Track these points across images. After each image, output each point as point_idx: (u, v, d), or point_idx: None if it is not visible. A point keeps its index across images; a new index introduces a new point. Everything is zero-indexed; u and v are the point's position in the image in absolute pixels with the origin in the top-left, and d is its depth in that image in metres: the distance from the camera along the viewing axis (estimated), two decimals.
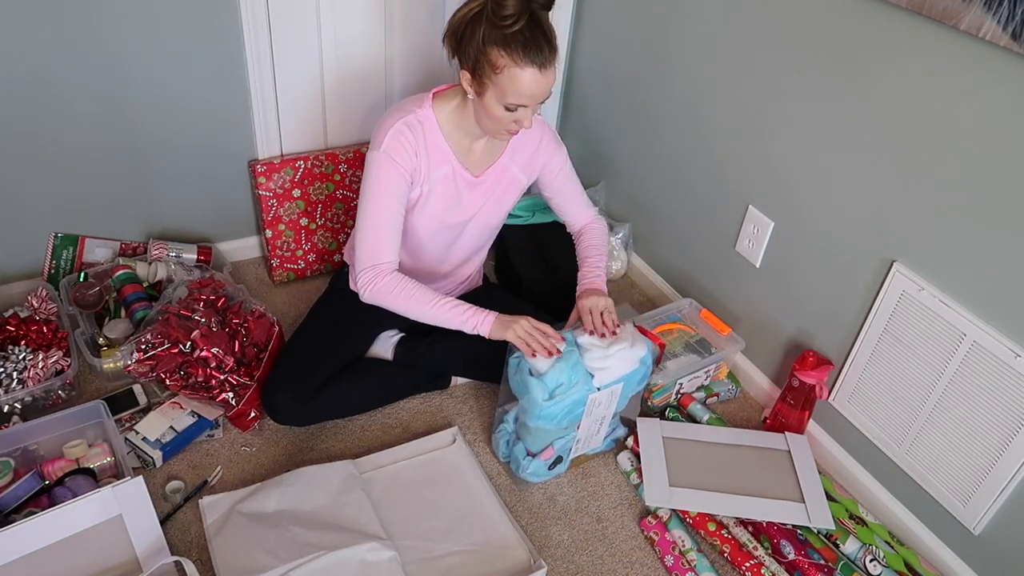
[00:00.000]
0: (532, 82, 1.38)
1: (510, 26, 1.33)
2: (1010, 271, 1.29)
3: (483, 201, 1.64)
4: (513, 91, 1.38)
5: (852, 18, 1.43)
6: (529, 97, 1.40)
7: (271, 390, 1.63)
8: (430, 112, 1.52)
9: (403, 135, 1.49)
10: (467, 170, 1.58)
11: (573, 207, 1.76)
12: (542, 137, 1.65)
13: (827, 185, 1.58)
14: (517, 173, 1.66)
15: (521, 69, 1.36)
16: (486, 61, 1.37)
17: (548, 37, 1.38)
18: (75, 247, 1.97)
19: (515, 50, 1.35)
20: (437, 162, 1.55)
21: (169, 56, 1.81)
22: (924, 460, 1.51)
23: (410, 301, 1.52)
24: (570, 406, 1.49)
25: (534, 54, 1.35)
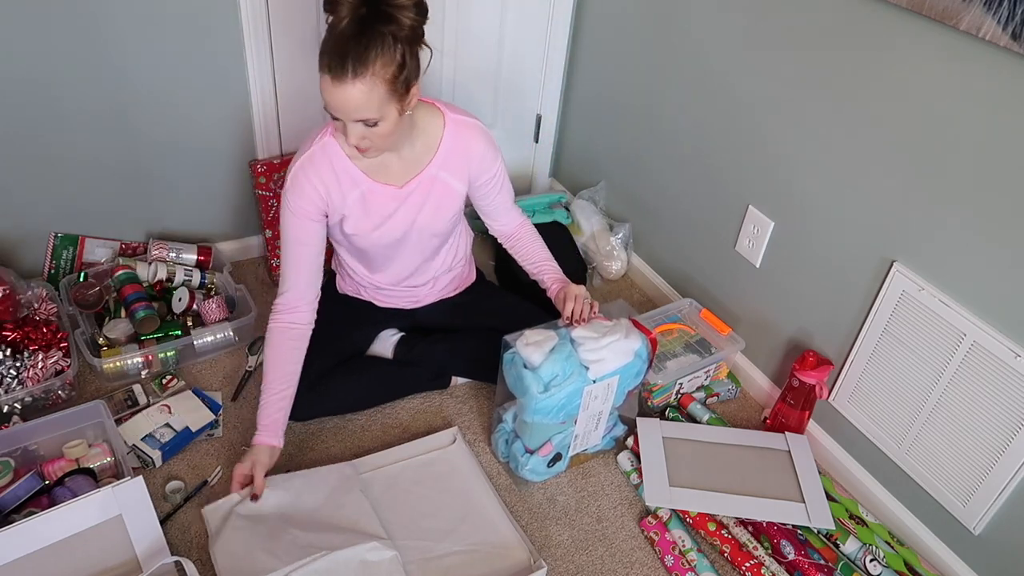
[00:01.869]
0: (327, 90, 1.31)
1: (333, 24, 1.28)
2: (1010, 271, 1.29)
3: (416, 212, 1.58)
4: (325, 99, 1.33)
5: (852, 18, 1.43)
6: (331, 108, 1.33)
7: None
8: (331, 140, 1.48)
9: (303, 174, 1.47)
10: (388, 184, 1.53)
11: (504, 214, 1.73)
12: (470, 144, 1.57)
13: (827, 185, 1.58)
14: (450, 181, 1.58)
15: (320, 72, 1.31)
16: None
17: (360, 51, 1.26)
18: (75, 247, 1.97)
19: (323, 50, 1.29)
20: (348, 186, 1.51)
21: (169, 56, 1.81)
22: (924, 460, 1.51)
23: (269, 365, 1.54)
24: (566, 399, 1.49)
25: (333, 61, 1.27)
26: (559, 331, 1.55)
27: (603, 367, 1.52)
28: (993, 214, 1.29)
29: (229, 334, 1.87)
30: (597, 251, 2.24)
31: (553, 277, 1.71)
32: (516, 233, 1.77)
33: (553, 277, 1.71)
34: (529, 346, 1.50)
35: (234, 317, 1.91)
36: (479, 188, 1.64)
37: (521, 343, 1.51)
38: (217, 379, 1.83)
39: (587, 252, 2.25)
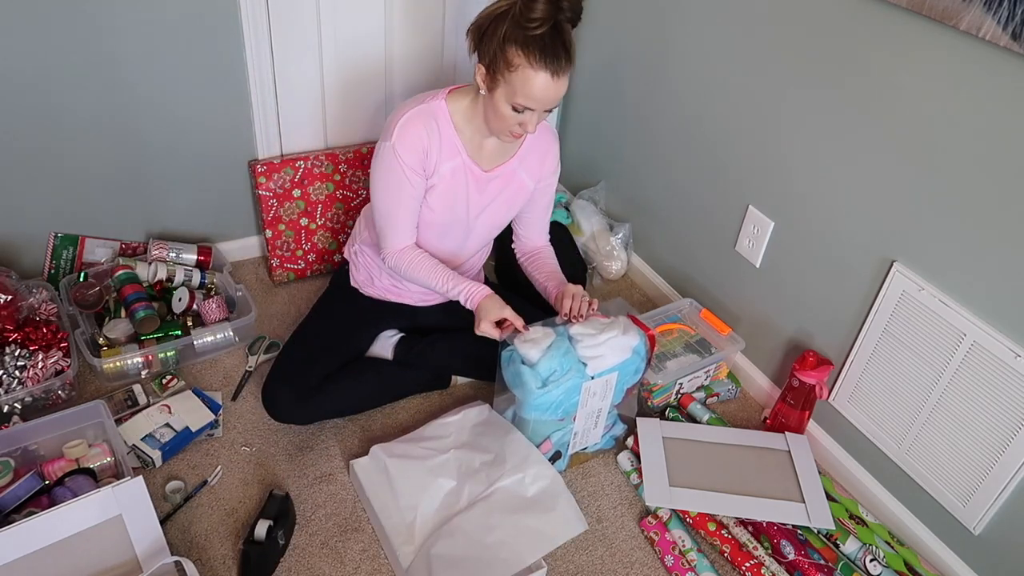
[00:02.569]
0: (543, 86, 1.40)
1: (534, 28, 1.36)
2: (1010, 271, 1.29)
3: (493, 198, 1.65)
4: (523, 92, 1.41)
5: (852, 18, 1.43)
6: (537, 100, 1.42)
7: (271, 388, 1.63)
8: (443, 104, 1.54)
9: (412, 126, 1.51)
10: (477, 165, 1.60)
11: (540, 226, 1.79)
12: (551, 146, 1.69)
13: (827, 185, 1.58)
14: (525, 178, 1.67)
15: (534, 71, 1.39)
16: (503, 58, 1.40)
17: (567, 47, 1.40)
18: (75, 247, 1.97)
19: (532, 52, 1.37)
20: (448, 154, 1.56)
21: (169, 56, 1.81)
22: (924, 460, 1.51)
23: (420, 273, 1.60)
24: (564, 395, 1.50)
25: (550, 59, 1.38)
26: (557, 328, 1.55)
27: (601, 363, 1.52)
28: (993, 214, 1.29)
29: (229, 334, 1.87)
30: (597, 251, 2.24)
31: (555, 284, 1.73)
32: (539, 252, 1.81)
33: (555, 284, 1.73)
34: (527, 343, 1.50)
35: (234, 317, 1.91)
36: (537, 191, 1.71)
37: (519, 339, 1.51)
38: (217, 379, 1.83)
39: (587, 252, 2.25)
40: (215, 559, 1.46)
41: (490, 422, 1.64)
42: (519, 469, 1.53)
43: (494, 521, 1.46)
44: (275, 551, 1.45)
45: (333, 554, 1.49)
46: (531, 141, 1.63)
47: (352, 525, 1.54)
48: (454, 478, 1.54)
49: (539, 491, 1.52)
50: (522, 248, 1.82)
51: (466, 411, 1.67)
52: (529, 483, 1.52)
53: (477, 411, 1.67)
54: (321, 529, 1.53)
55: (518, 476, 1.52)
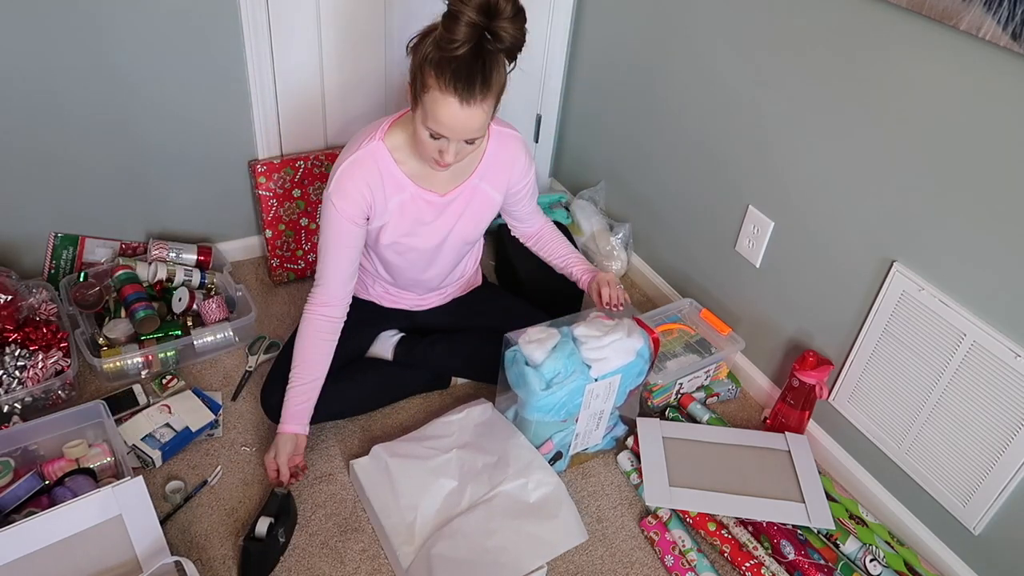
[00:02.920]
0: (449, 113, 1.31)
1: (451, 50, 1.27)
2: (1010, 271, 1.29)
3: (455, 220, 1.60)
4: (432, 116, 1.33)
5: (852, 18, 1.43)
6: (445, 127, 1.34)
7: (269, 390, 1.63)
8: (380, 144, 1.48)
9: (347, 177, 1.47)
10: (431, 191, 1.54)
11: (529, 217, 1.78)
12: (515, 158, 1.61)
13: (827, 185, 1.58)
14: (489, 191, 1.61)
15: (442, 94, 1.30)
16: (420, 78, 1.33)
17: (485, 75, 1.30)
18: (75, 247, 1.97)
19: (443, 74, 1.29)
20: (392, 191, 1.51)
21: (169, 56, 1.81)
22: (924, 460, 1.51)
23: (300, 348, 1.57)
24: (567, 396, 1.50)
25: (460, 84, 1.29)
26: (561, 329, 1.55)
27: (605, 366, 1.52)
28: (993, 214, 1.29)
29: (229, 334, 1.87)
30: (597, 251, 2.24)
31: (582, 269, 1.73)
32: (538, 233, 1.81)
33: (582, 269, 1.73)
34: (531, 343, 1.50)
35: (234, 317, 1.91)
36: (513, 196, 1.68)
37: (523, 340, 1.52)
38: (217, 379, 1.83)
39: (587, 252, 2.25)
40: (215, 559, 1.46)
41: (493, 422, 1.64)
42: (522, 474, 1.53)
43: (495, 525, 1.46)
44: (275, 548, 1.45)
45: (333, 554, 1.49)
46: (492, 155, 1.57)
47: (352, 525, 1.54)
48: (455, 478, 1.54)
49: (541, 497, 1.52)
50: (521, 235, 1.83)
51: (469, 410, 1.67)
52: (532, 489, 1.52)
53: (480, 410, 1.67)
54: (321, 529, 1.53)
55: (520, 481, 1.52)
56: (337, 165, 1.50)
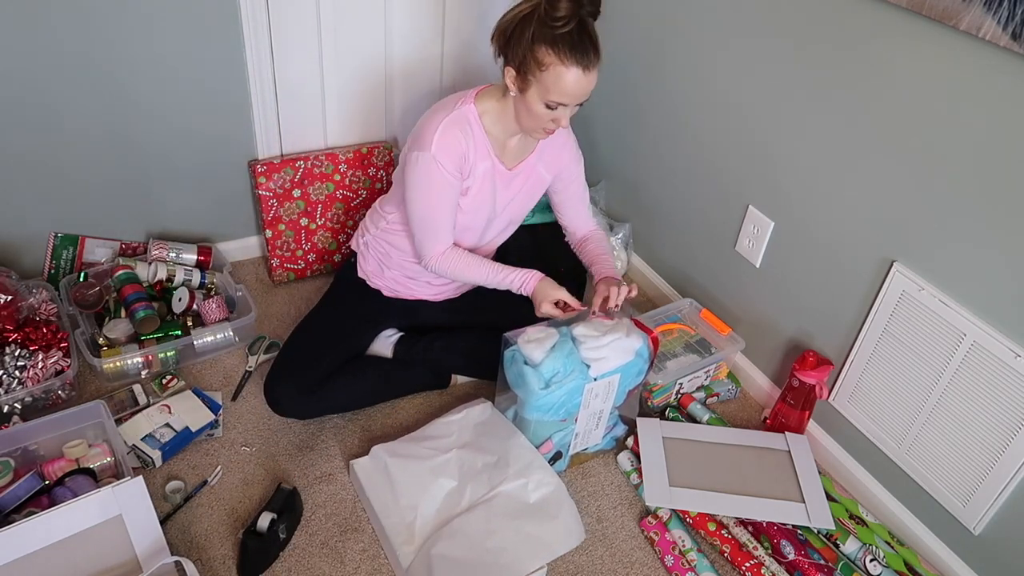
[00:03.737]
0: (575, 81, 1.43)
1: (560, 27, 1.39)
2: (1010, 271, 1.29)
3: (514, 195, 1.70)
4: (556, 89, 1.43)
5: (852, 18, 1.43)
6: (570, 96, 1.45)
7: (273, 382, 1.64)
8: (472, 107, 1.56)
9: (449, 133, 1.53)
10: (503, 163, 1.63)
11: (580, 214, 1.82)
12: (567, 140, 1.71)
13: (827, 185, 1.58)
14: (543, 172, 1.71)
15: (566, 68, 1.41)
16: (533, 59, 1.43)
17: (594, 42, 1.43)
18: (75, 247, 1.97)
19: (562, 49, 1.40)
20: (480, 156, 1.59)
21: (169, 57, 1.81)
22: (924, 460, 1.51)
23: (468, 272, 1.65)
24: (566, 396, 1.50)
25: (580, 55, 1.41)
26: (560, 329, 1.55)
27: (604, 365, 1.52)
28: (993, 214, 1.29)
29: (229, 334, 1.87)
30: None
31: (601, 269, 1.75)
32: (588, 236, 1.84)
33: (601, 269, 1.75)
34: (530, 343, 1.50)
35: (234, 317, 1.91)
36: (561, 183, 1.74)
37: (522, 340, 1.52)
38: (217, 379, 1.83)
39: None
40: (215, 559, 1.46)
41: (493, 422, 1.64)
42: (522, 475, 1.53)
43: (495, 525, 1.46)
44: (275, 544, 1.45)
45: (333, 554, 1.49)
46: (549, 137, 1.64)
47: (352, 525, 1.54)
48: (455, 478, 1.53)
49: (541, 498, 1.52)
50: (572, 239, 1.87)
51: (468, 410, 1.67)
52: (532, 489, 1.52)
53: (480, 409, 1.67)
54: (321, 529, 1.53)
55: (520, 482, 1.52)
56: (430, 126, 1.54)
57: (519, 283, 1.64)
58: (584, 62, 1.42)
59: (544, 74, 1.43)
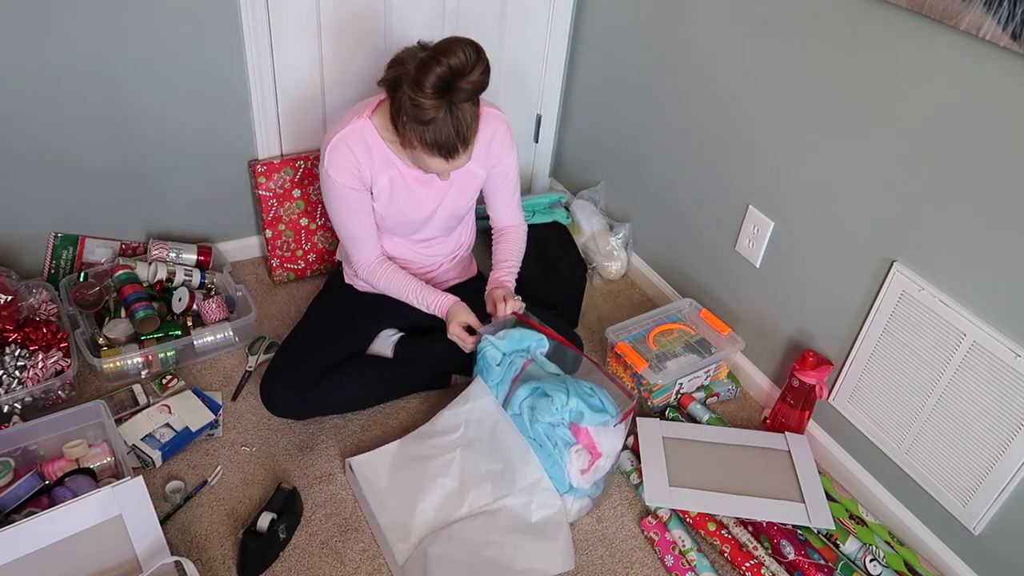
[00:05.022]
0: (439, 166, 1.45)
1: (425, 118, 1.36)
2: (1010, 271, 1.29)
3: (442, 196, 1.67)
4: (423, 165, 1.47)
5: (852, 18, 1.43)
6: (439, 172, 1.49)
7: (268, 382, 1.64)
8: (367, 122, 1.55)
9: (339, 151, 1.54)
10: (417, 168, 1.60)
11: (507, 207, 1.81)
12: (495, 133, 1.66)
13: (827, 185, 1.58)
14: (472, 167, 1.67)
15: (430, 156, 1.43)
16: (403, 130, 1.43)
17: (461, 130, 1.39)
18: (75, 247, 1.97)
19: (424, 140, 1.40)
20: (381, 166, 1.59)
21: (169, 56, 1.81)
22: (924, 460, 1.51)
23: (392, 286, 1.70)
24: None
25: (442, 148, 1.40)
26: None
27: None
28: (993, 214, 1.29)
29: (229, 334, 1.87)
30: (597, 251, 2.24)
31: (498, 276, 1.77)
32: (506, 230, 1.83)
33: (498, 276, 1.77)
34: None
35: (234, 317, 1.91)
36: (495, 173, 1.72)
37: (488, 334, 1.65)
38: (217, 379, 1.83)
39: (587, 252, 2.25)
40: (215, 559, 1.46)
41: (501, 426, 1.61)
42: (528, 493, 1.53)
43: (495, 537, 1.47)
44: (275, 544, 1.45)
45: (333, 554, 1.49)
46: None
47: (352, 525, 1.54)
48: (456, 479, 1.54)
49: (543, 519, 1.52)
50: (494, 225, 1.86)
51: (473, 403, 1.65)
52: (535, 509, 1.52)
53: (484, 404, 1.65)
54: (321, 529, 1.53)
55: (525, 500, 1.52)
56: (326, 140, 1.56)
57: (436, 306, 1.69)
58: (449, 153, 1.41)
59: (413, 152, 1.45)
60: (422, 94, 1.33)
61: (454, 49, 1.31)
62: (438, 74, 1.31)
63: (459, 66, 1.31)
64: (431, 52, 1.34)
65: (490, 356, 1.64)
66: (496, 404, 1.63)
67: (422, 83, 1.32)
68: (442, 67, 1.30)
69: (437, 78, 1.31)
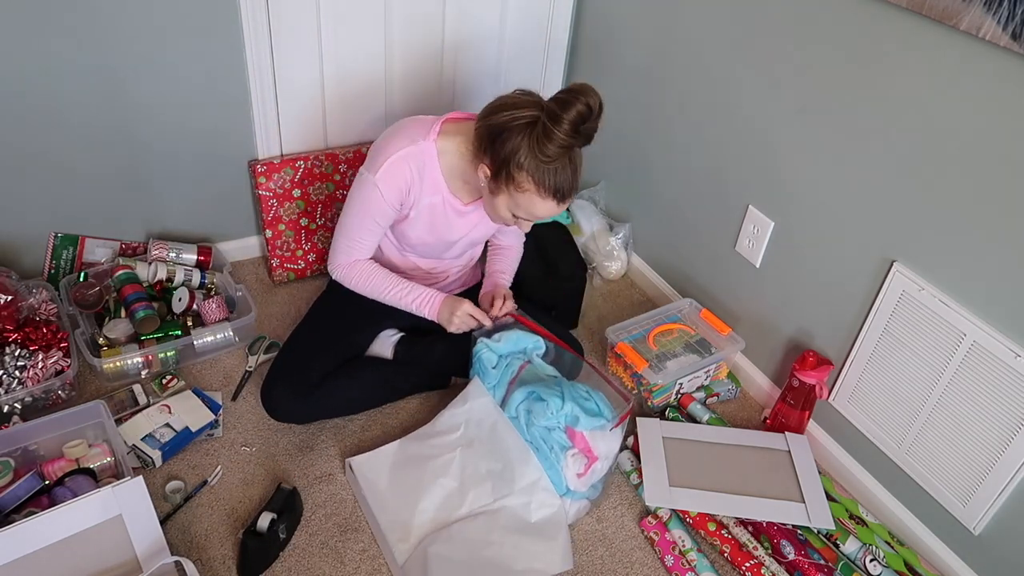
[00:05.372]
0: (548, 210, 1.46)
1: (548, 162, 1.38)
2: (1010, 271, 1.29)
3: (472, 226, 1.70)
4: (527, 210, 1.46)
5: (852, 18, 1.43)
6: (539, 218, 1.49)
7: (269, 386, 1.64)
8: (432, 147, 1.55)
9: (398, 168, 1.53)
10: (458, 199, 1.62)
11: (511, 232, 1.84)
12: None
13: (827, 185, 1.58)
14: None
15: (542, 199, 1.43)
16: (512, 176, 1.42)
17: (576, 175, 1.43)
18: (75, 247, 1.97)
19: (543, 183, 1.40)
20: (429, 191, 1.59)
21: (169, 56, 1.81)
22: (924, 460, 1.51)
23: (372, 284, 1.67)
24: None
25: (559, 192, 1.42)
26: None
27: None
28: (993, 214, 1.29)
29: (229, 334, 1.87)
30: (597, 251, 2.24)
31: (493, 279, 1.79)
32: (504, 248, 1.86)
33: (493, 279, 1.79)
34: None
35: (234, 317, 1.91)
36: None
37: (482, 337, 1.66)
38: (217, 379, 1.83)
39: (587, 252, 2.25)
40: (215, 559, 1.46)
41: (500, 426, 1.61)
42: (527, 493, 1.53)
43: (495, 537, 1.47)
44: (275, 544, 1.45)
45: (333, 554, 1.49)
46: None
47: (352, 525, 1.54)
48: (456, 479, 1.54)
49: (543, 519, 1.52)
50: (494, 242, 1.87)
51: (472, 403, 1.65)
52: (535, 509, 1.52)
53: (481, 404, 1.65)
54: (321, 529, 1.53)
55: (524, 500, 1.52)
56: (386, 151, 1.54)
57: (424, 302, 1.66)
58: (561, 196, 1.42)
59: (518, 194, 1.44)
60: (559, 128, 1.34)
61: (588, 92, 1.35)
62: (579, 110, 1.34)
63: (596, 107, 1.36)
64: (566, 92, 1.36)
65: (486, 359, 1.65)
66: (495, 404, 1.63)
67: (561, 119, 1.34)
68: (582, 104, 1.34)
69: (577, 114, 1.34)
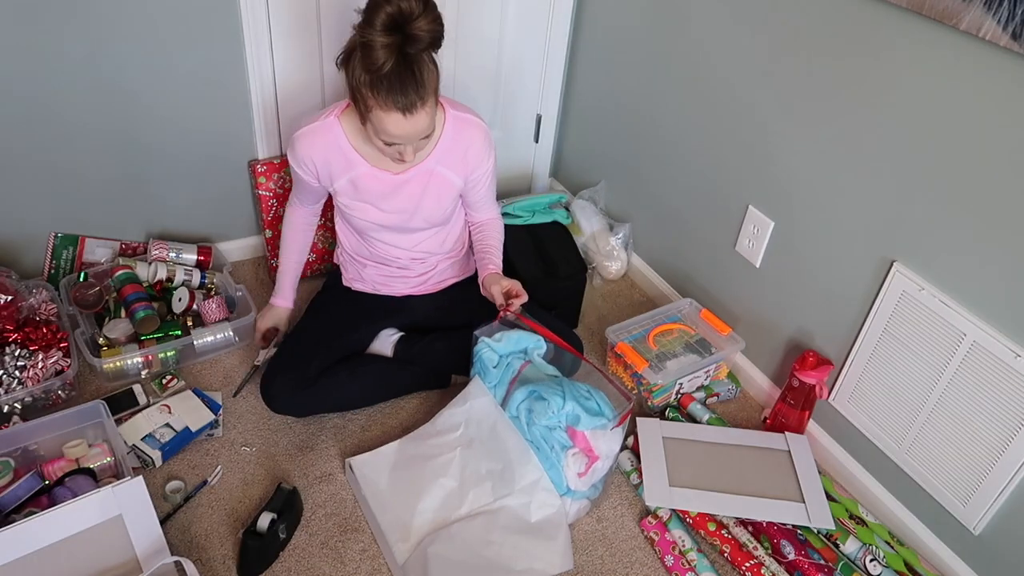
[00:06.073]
0: (397, 125, 1.39)
1: (378, 71, 1.33)
2: (1010, 271, 1.29)
3: (416, 199, 1.64)
4: (383, 130, 1.42)
5: (852, 18, 1.43)
6: (397, 137, 1.42)
7: (268, 378, 1.65)
8: (335, 122, 1.57)
9: (302, 141, 1.58)
10: (385, 170, 1.60)
11: (483, 206, 1.80)
12: (472, 142, 1.63)
13: (827, 185, 1.58)
14: (447, 174, 1.64)
15: (385, 112, 1.38)
16: (360, 99, 1.41)
17: (417, 81, 1.36)
18: (75, 247, 1.97)
19: (379, 93, 1.36)
20: (343, 167, 1.60)
21: (169, 56, 1.81)
22: (924, 460, 1.51)
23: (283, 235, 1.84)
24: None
25: (397, 98, 1.35)
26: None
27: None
28: (993, 214, 1.29)
29: (229, 334, 1.87)
30: (597, 251, 2.24)
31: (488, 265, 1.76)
32: (484, 224, 1.83)
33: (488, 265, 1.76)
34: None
35: (234, 317, 1.91)
36: (471, 182, 1.70)
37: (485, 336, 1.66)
38: (217, 379, 1.83)
39: (587, 252, 2.25)
40: (215, 559, 1.46)
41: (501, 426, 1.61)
42: (527, 493, 1.53)
43: (495, 537, 1.47)
44: (275, 544, 1.45)
45: (333, 554, 1.49)
46: (449, 138, 1.60)
47: (352, 525, 1.54)
48: (457, 479, 1.54)
49: (543, 519, 1.52)
50: (471, 223, 1.85)
51: (472, 402, 1.66)
52: (535, 509, 1.52)
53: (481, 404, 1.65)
54: (321, 529, 1.53)
55: (525, 500, 1.52)
56: (295, 131, 1.60)
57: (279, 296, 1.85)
58: (404, 105, 1.36)
59: (371, 115, 1.41)
60: (371, 31, 1.30)
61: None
62: (388, 12, 1.30)
63: (408, 9, 1.30)
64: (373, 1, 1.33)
65: (487, 358, 1.65)
66: (495, 403, 1.63)
67: (372, 20, 1.30)
68: (392, 7, 1.30)
69: (387, 16, 1.30)
